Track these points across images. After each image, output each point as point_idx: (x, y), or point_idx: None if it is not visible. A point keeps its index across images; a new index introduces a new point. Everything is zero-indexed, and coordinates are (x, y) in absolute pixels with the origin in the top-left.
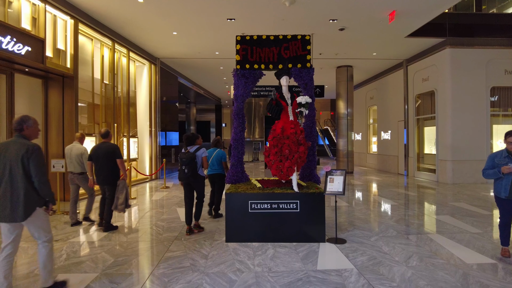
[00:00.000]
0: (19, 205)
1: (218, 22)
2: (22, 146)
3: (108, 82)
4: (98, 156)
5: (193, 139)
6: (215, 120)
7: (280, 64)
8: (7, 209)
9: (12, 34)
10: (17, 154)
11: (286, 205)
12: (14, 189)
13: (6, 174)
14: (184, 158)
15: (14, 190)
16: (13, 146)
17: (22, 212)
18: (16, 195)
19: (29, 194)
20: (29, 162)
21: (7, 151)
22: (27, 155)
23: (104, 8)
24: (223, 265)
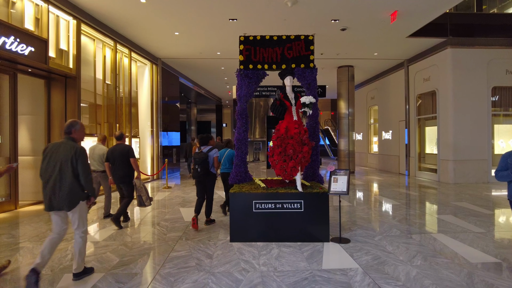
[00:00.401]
0: (66, 197)
1: (220, 22)
2: (71, 148)
3: (110, 83)
4: (114, 157)
5: (206, 140)
6: (215, 120)
7: (283, 64)
8: (56, 200)
9: (15, 35)
10: (67, 154)
11: (290, 205)
12: (62, 183)
13: (56, 170)
14: (197, 157)
15: (62, 185)
16: (63, 147)
17: (68, 203)
18: (64, 189)
19: (75, 188)
20: (77, 162)
21: (58, 151)
22: (75, 156)
23: (107, 8)
24: (229, 265)
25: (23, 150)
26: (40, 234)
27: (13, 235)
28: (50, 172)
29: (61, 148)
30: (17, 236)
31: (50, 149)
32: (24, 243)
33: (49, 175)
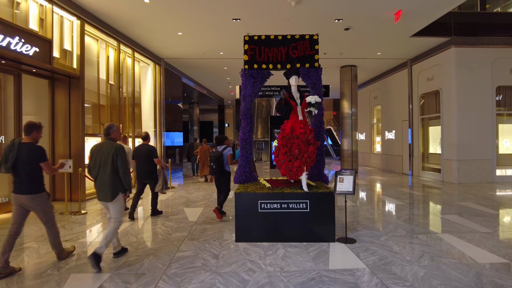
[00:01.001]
0: (109, 190)
1: (223, 22)
2: (112, 146)
3: (113, 83)
4: (139, 155)
5: (221, 140)
6: (218, 120)
7: (288, 64)
8: (101, 192)
9: (20, 35)
10: (109, 151)
11: (296, 205)
12: (105, 177)
13: (101, 166)
14: (213, 156)
15: (105, 179)
16: (105, 146)
17: (110, 195)
18: (107, 182)
19: (115, 182)
20: (117, 158)
21: (101, 149)
22: (115, 152)
23: (110, 8)
24: (235, 265)
25: None
26: (45, 234)
27: (19, 235)
28: (97, 169)
29: (103, 147)
30: (22, 236)
31: (95, 149)
32: (30, 243)
33: (97, 172)
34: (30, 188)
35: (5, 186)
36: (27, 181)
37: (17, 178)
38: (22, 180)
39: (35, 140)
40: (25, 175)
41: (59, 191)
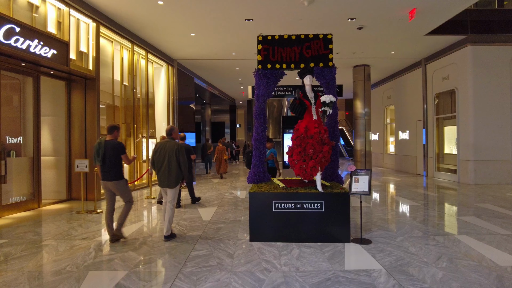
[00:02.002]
0: (173, 179)
1: (235, 23)
2: (175, 144)
3: (128, 84)
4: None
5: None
6: (229, 121)
7: (302, 64)
8: (166, 180)
9: (39, 38)
10: (172, 149)
11: (311, 205)
12: (170, 169)
13: (166, 160)
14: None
15: (170, 170)
16: (169, 144)
17: (173, 183)
18: (171, 173)
19: (178, 173)
20: (179, 154)
21: (165, 147)
22: (177, 150)
23: (125, 10)
24: (250, 264)
25: (45, 150)
26: (63, 232)
27: (38, 233)
28: (161, 162)
29: (167, 145)
30: (41, 234)
31: (159, 146)
32: (49, 240)
33: (160, 164)
34: (114, 176)
35: (23, 186)
36: (112, 170)
37: (104, 168)
38: (108, 170)
39: (115, 137)
40: (110, 165)
41: (76, 191)
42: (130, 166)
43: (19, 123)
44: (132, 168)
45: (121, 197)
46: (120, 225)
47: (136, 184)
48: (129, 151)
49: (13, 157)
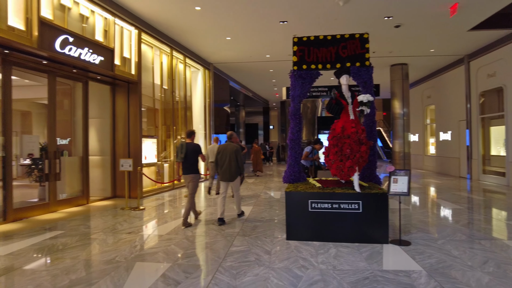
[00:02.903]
0: (233, 174)
1: (270, 26)
2: (233, 146)
3: (167, 87)
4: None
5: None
6: (262, 123)
7: (338, 64)
8: (228, 175)
9: (89, 46)
10: (232, 150)
11: (348, 205)
12: (230, 166)
13: (227, 159)
14: None
15: (230, 167)
16: (229, 146)
17: (234, 177)
18: (232, 169)
19: (237, 169)
20: (237, 154)
21: (226, 148)
22: (236, 151)
23: (164, 17)
24: (287, 261)
25: (92, 150)
26: (110, 227)
27: (88, 226)
28: (223, 160)
29: (228, 147)
30: (91, 227)
31: (221, 149)
32: (98, 233)
33: (223, 162)
34: (192, 171)
35: (74, 183)
36: (191, 166)
37: (185, 165)
38: (189, 166)
39: (193, 140)
40: (190, 162)
41: (120, 188)
42: (170, 167)
43: (69, 125)
44: (171, 169)
45: (189, 189)
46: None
47: (175, 183)
48: (169, 151)
49: (66, 156)
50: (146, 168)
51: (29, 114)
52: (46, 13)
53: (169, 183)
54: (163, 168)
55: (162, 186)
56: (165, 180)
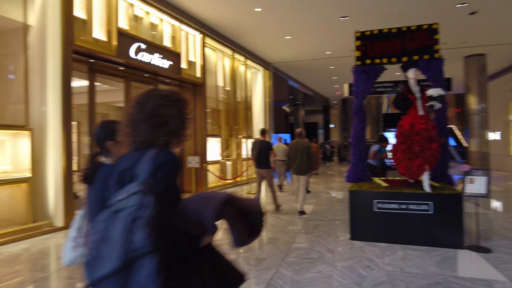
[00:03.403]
0: (304, 168)
1: (330, 22)
2: (304, 143)
3: (229, 89)
4: (296, 150)
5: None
6: (323, 121)
7: (404, 57)
8: (300, 170)
9: (159, 52)
10: (304, 146)
11: (417, 206)
12: (301, 161)
13: (299, 155)
14: None
15: (301, 162)
16: (300, 143)
17: (305, 171)
18: (303, 164)
19: (308, 164)
20: (309, 150)
21: (297, 145)
22: (307, 147)
23: (226, 20)
24: (351, 261)
25: None
26: None
27: None
28: (295, 156)
29: (299, 144)
30: None
31: (293, 145)
32: None
33: (294, 158)
34: (265, 166)
35: None
36: (264, 161)
37: (258, 159)
38: (262, 161)
39: (265, 137)
40: (263, 158)
41: (187, 184)
42: (233, 165)
43: None
44: (233, 166)
45: (268, 181)
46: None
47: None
48: (231, 150)
49: None
50: (211, 165)
51: (107, 116)
52: (123, 24)
53: (232, 180)
54: (226, 166)
55: (226, 183)
56: (228, 177)
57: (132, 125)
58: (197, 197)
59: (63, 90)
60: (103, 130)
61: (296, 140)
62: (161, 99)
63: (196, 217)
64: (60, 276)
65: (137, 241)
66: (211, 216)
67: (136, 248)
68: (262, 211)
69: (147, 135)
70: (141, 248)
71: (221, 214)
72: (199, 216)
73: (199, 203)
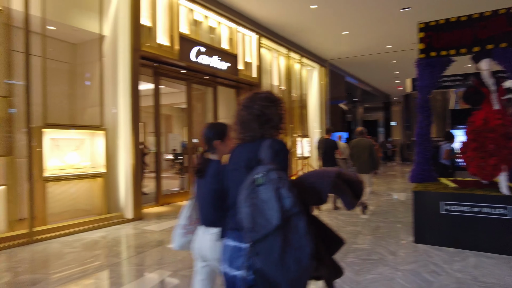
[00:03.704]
0: (368, 167)
1: (390, 14)
2: (367, 141)
3: (284, 87)
4: (359, 149)
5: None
6: (383, 119)
7: (476, 47)
8: (363, 168)
9: (217, 54)
10: (366, 144)
11: (493, 209)
12: (365, 160)
13: (362, 153)
14: None
15: (365, 161)
16: (362, 142)
17: (367, 170)
18: (365, 163)
19: (369, 163)
20: (372, 148)
21: (359, 144)
22: (370, 146)
23: (282, 19)
24: (415, 264)
25: None
26: None
27: None
28: (356, 154)
29: (361, 142)
30: None
31: (354, 144)
32: None
33: (356, 156)
34: (331, 164)
35: None
36: (329, 159)
37: (325, 158)
38: (327, 159)
39: (330, 136)
40: (328, 156)
41: None
42: None
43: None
44: None
45: None
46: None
47: None
48: None
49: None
50: None
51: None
52: (184, 29)
53: None
54: None
55: None
56: None
57: (243, 124)
58: (312, 174)
59: (132, 93)
60: (211, 131)
61: (358, 139)
62: (264, 101)
63: (314, 188)
64: (131, 263)
65: (286, 204)
66: (327, 187)
67: (287, 209)
68: (361, 181)
69: (257, 131)
70: (291, 209)
71: (334, 185)
72: (317, 187)
73: (315, 178)
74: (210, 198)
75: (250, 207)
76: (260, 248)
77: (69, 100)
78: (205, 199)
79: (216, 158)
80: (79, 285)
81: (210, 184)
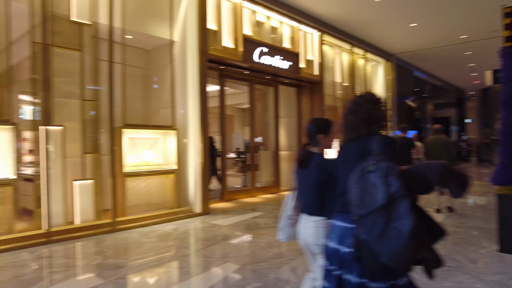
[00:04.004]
0: None
1: (465, 1)
2: (445, 138)
3: (347, 84)
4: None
5: None
6: (456, 116)
7: None
8: None
9: (279, 54)
10: (443, 142)
11: None
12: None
13: (438, 150)
14: None
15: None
16: (439, 139)
17: None
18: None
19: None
20: (449, 147)
21: (435, 142)
22: (448, 143)
23: (344, 15)
24: (501, 276)
25: (282, 146)
26: None
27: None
28: (434, 153)
29: (438, 139)
30: None
31: (429, 142)
32: None
33: (433, 155)
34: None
35: (268, 174)
36: (405, 158)
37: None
38: (404, 159)
39: (405, 134)
40: (404, 155)
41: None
42: None
43: (263, 125)
44: None
45: None
46: None
47: None
48: None
49: (262, 151)
50: None
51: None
52: (247, 31)
53: None
54: None
55: None
56: None
57: (351, 126)
58: (422, 165)
59: (200, 95)
60: (314, 126)
61: (434, 137)
62: (369, 104)
63: (424, 177)
64: (201, 255)
65: (393, 188)
66: (437, 176)
67: (393, 192)
68: (467, 174)
69: (364, 131)
70: (397, 192)
71: (443, 176)
72: (427, 176)
73: (425, 170)
74: (314, 187)
75: (359, 188)
76: (365, 223)
77: (144, 102)
78: (308, 189)
79: (318, 151)
80: (155, 273)
81: (314, 174)
